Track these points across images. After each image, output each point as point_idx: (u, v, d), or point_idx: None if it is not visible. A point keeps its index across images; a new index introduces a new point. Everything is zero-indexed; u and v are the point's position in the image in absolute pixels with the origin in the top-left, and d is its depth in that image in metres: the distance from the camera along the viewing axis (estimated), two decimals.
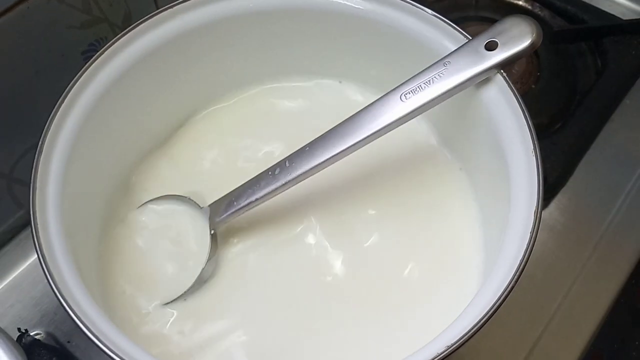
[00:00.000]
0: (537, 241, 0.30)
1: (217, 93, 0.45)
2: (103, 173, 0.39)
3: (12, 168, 0.44)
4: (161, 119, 0.43)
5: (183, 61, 0.41)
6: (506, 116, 0.34)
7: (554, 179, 0.48)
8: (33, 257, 0.46)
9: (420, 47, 0.38)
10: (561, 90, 0.52)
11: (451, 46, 0.36)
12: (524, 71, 0.52)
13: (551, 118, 0.50)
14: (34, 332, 0.43)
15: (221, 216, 0.38)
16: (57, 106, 0.35)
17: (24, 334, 0.42)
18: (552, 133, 0.49)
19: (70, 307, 0.29)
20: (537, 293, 0.44)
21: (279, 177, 0.36)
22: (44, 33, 0.40)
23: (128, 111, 0.40)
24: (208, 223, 0.38)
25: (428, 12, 0.37)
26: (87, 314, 0.29)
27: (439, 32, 0.37)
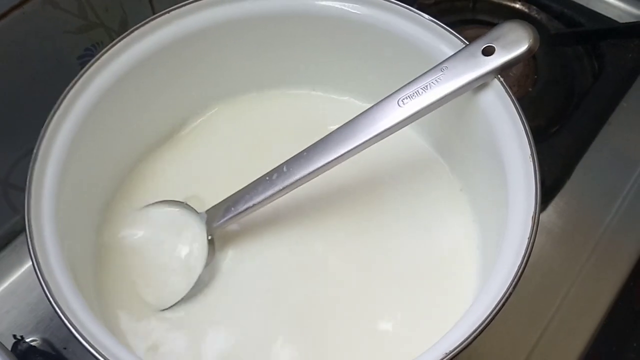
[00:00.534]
0: (535, 244, 0.30)
1: (213, 98, 0.45)
2: (99, 179, 0.39)
3: (8, 173, 0.44)
4: (157, 125, 0.43)
5: (179, 66, 0.40)
6: (503, 121, 0.34)
7: (552, 182, 0.48)
8: (29, 263, 0.44)
9: (417, 52, 0.38)
10: (558, 93, 0.52)
11: (448, 51, 0.36)
12: (521, 74, 0.52)
13: (548, 121, 0.50)
14: (30, 339, 0.42)
15: (219, 222, 0.38)
16: (53, 112, 0.35)
17: (20, 341, 0.42)
18: (550, 136, 0.49)
19: (64, 315, 0.29)
20: (535, 296, 0.44)
21: (277, 183, 0.36)
22: (40, 38, 0.40)
23: (124, 117, 0.39)
24: (205, 229, 0.38)
25: (425, 17, 0.37)
26: (82, 322, 0.29)
27: (436, 37, 0.37)
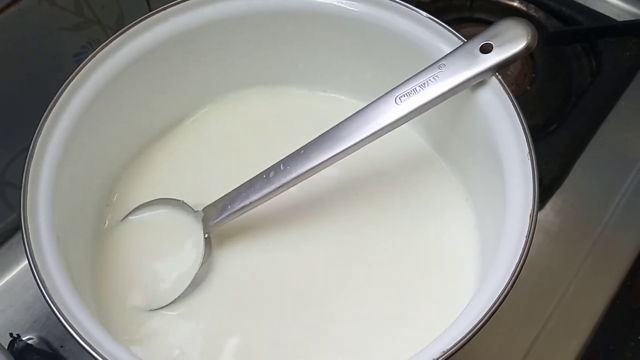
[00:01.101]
0: (532, 243, 0.30)
1: (210, 95, 0.45)
2: (95, 176, 0.39)
3: (4, 171, 0.44)
4: (154, 122, 0.43)
5: (176, 63, 0.40)
6: (501, 119, 0.34)
7: (549, 181, 0.48)
8: (25, 262, 0.45)
9: (415, 50, 0.37)
10: (556, 91, 0.52)
11: (446, 49, 0.36)
12: (519, 73, 0.52)
13: (546, 119, 0.50)
14: (27, 337, 0.42)
15: (215, 220, 0.37)
16: (49, 109, 0.34)
17: (16, 339, 0.42)
18: (547, 134, 0.49)
19: (61, 313, 0.29)
20: (533, 295, 0.44)
21: (274, 180, 0.35)
22: (36, 35, 0.40)
23: (120, 114, 0.39)
24: (202, 227, 0.38)
25: (423, 15, 0.37)
26: (79, 320, 0.29)
27: (434, 35, 0.37)
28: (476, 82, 0.34)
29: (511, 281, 0.29)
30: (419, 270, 0.38)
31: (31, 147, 0.33)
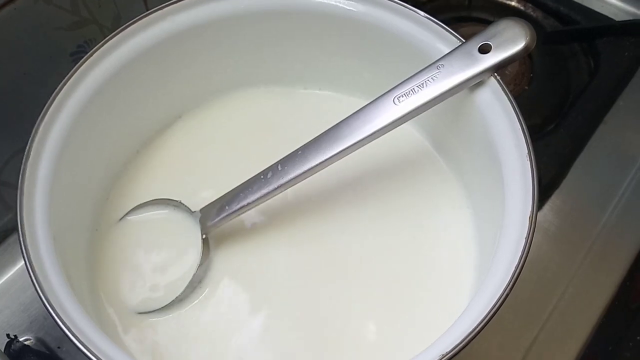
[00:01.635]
0: (531, 244, 0.30)
1: (207, 95, 0.45)
2: (92, 176, 0.39)
3: (0, 171, 0.43)
4: (151, 121, 0.43)
5: (173, 63, 0.40)
6: (500, 120, 0.33)
7: (548, 181, 0.48)
8: (21, 262, 0.44)
9: (413, 50, 0.37)
10: (554, 91, 0.52)
11: (444, 49, 0.36)
12: (517, 72, 0.52)
13: (544, 119, 0.50)
14: (24, 338, 0.42)
15: (213, 220, 0.37)
16: (46, 108, 0.34)
17: (13, 340, 0.41)
18: (546, 134, 0.49)
19: (57, 314, 0.28)
20: (532, 295, 0.44)
21: (271, 181, 0.35)
22: (32, 35, 0.40)
23: (117, 113, 0.39)
24: (199, 227, 0.38)
25: (421, 15, 0.37)
26: (75, 321, 0.29)
27: (433, 35, 0.37)
28: (475, 83, 0.34)
29: (510, 283, 0.28)
30: (418, 270, 0.38)
31: (28, 147, 0.33)
